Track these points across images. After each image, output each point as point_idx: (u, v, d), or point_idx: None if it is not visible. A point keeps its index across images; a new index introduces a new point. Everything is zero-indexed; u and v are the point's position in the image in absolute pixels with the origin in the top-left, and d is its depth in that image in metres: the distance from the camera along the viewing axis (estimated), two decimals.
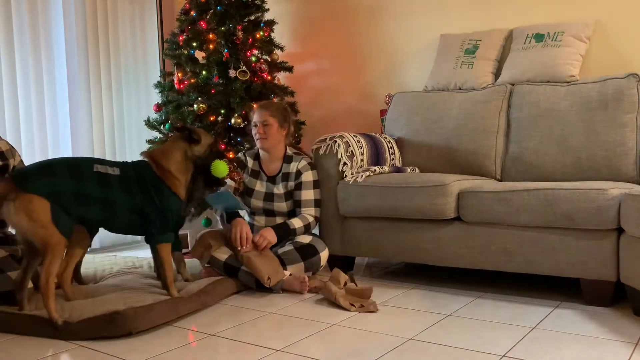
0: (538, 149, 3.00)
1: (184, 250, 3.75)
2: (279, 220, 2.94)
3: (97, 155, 4.08)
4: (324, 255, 2.88)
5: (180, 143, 2.50)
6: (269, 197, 2.96)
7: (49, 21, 3.85)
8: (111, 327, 2.06)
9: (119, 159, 4.25)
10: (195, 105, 3.62)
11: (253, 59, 3.73)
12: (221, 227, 2.99)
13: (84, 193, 2.21)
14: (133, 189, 2.34)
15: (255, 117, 2.91)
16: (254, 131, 2.91)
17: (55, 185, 2.16)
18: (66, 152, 3.92)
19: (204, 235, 2.84)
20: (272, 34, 3.92)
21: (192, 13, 3.82)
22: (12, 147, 2.79)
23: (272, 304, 2.51)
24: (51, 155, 3.82)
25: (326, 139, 3.10)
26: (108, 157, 4.18)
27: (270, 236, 2.76)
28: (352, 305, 2.41)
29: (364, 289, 2.49)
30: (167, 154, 2.47)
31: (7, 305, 2.29)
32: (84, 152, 4.00)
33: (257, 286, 2.66)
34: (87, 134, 4.03)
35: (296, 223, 2.86)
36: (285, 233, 2.83)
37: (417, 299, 2.53)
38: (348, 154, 3.04)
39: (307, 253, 2.79)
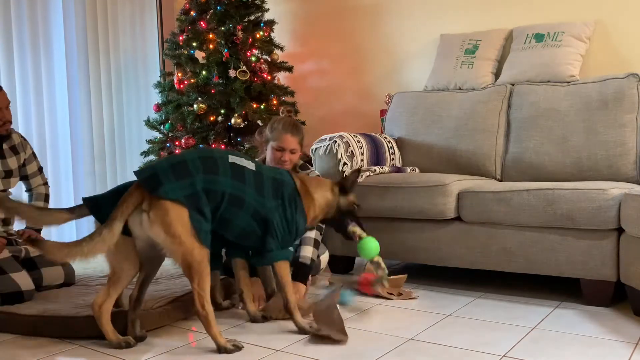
0: (538, 149, 3.00)
1: None
2: None
3: (96, 154, 4.08)
4: (324, 258, 2.87)
5: (335, 187, 2.27)
6: None
7: (49, 21, 3.84)
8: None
9: (118, 159, 4.24)
10: (195, 105, 3.63)
11: (253, 59, 3.74)
12: None
13: (215, 189, 1.92)
14: (265, 191, 2.06)
15: (283, 142, 2.55)
16: (276, 154, 2.56)
17: (192, 186, 1.86)
18: (65, 152, 3.91)
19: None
20: (272, 34, 3.92)
21: (192, 13, 3.83)
22: (24, 139, 2.81)
23: None
24: (49, 155, 3.82)
25: (326, 139, 3.10)
26: (108, 157, 4.17)
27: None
28: (391, 294, 2.53)
29: (398, 278, 2.61)
30: (321, 184, 2.28)
31: (9, 306, 2.29)
32: (83, 153, 4.00)
33: None
34: (87, 134, 4.03)
35: (307, 253, 2.53)
36: (305, 275, 2.53)
37: (417, 299, 2.53)
38: (348, 154, 3.04)
39: None
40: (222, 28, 3.72)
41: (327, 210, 2.26)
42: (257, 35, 3.79)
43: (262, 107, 3.65)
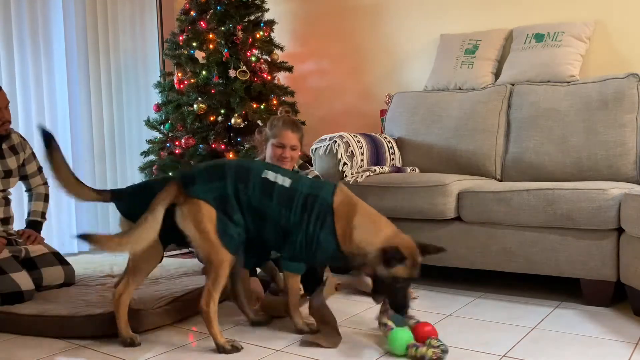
0: (538, 149, 3.00)
1: (183, 250, 3.79)
2: None
3: (96, 154, 4.08)
4: None
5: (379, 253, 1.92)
6: None
7: (49, 21, 3.84)
8: (112, 325, 2.06)
9: (119, 159, 4.24)
10: (195, 105, 3.63)
11: (253, 59, 3.74)
12: None
13: (242, 199, 1.96)
14: (294, 205, 1.98)
15: (283, 139, 2.56)
16: (277, 151, 2.57)
17: (222, 189, 1.93)
18: (66, 152, 3.86)
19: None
20: (272, 34, 3.92)
21: (192, 13, 3.83)
22: (24, 138, 2.81)
23: None
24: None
25: (326, 139, 3.10)
26: (108, 157, 4.17)
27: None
28: None
29: None
30: (375, 220, 2.00)
31: (9, 306, 2.30)
32: (83, 153, 4.00)
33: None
34: (87, 133, 4.03)
35: None
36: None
37: (417, 299, 2.53)
38: (348, 154, 3.04)
39: None
40: (222, 28, 3.72)
41: (358, 258, 1.98)
42: (257, 35, 3.79)
43: (262, 107, 3.65)
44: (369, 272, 2.01)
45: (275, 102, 3.77)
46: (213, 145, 3.64)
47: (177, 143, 3.70)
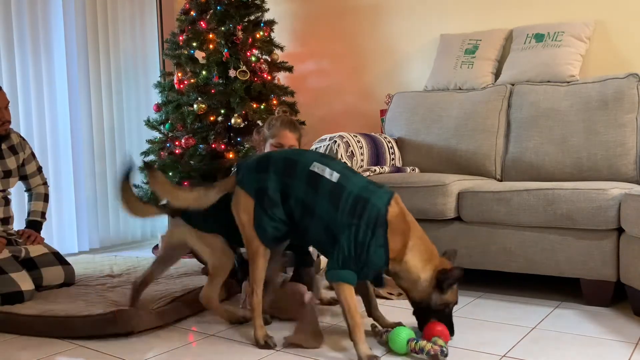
0: (538, 149, 3.00)
1: None
2: None
3: (96, 154, 4.08)
4: (324, 258, 2.87)
5: (434, 278, 1.86)
6: None
7: (49, 21, 3.85)
8: (112, 325, 2.06)
9: (119, 159, 4.24)
10: (195, 105, 3.63)
11: (253, 59, 3.74)
12: None
13: (289, 193, 1.89)
14: (341, 205, 1.83)
15: (282, 139, 2.52)
16: (273, 150, 2.50)
17: (262, 182, 1.91)
18: (66, 152, 3.91)
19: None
20: (272, 34, 3.92)
21: (192, 13, 3.83)
22: (23, 138, 2.82)
23: None
24: (50, 154, 3.82)
25: (326, 139, 3.10)
26: (108, 157, 4.17)
27: None
28: (391, 294, 2.52)
29: None
30: (430, 252, 1.89)
31: (9, 306, 2.30)
32: (83, 153, 4.00)
33: None
34: (87, 134, 4.03)
35: None
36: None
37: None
38: (348, 154, 3.04)
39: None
40: (222, 28, 3.72)
41: (409, 285, 1.89)
42: (257, 35, 3.79)
43: (262, 107, 3.65)
44: (415, 299, 1.92)
45: (275, 102, 3.77)
46: (213, 145, 3.64)
47: (177, 143, 3.70)
